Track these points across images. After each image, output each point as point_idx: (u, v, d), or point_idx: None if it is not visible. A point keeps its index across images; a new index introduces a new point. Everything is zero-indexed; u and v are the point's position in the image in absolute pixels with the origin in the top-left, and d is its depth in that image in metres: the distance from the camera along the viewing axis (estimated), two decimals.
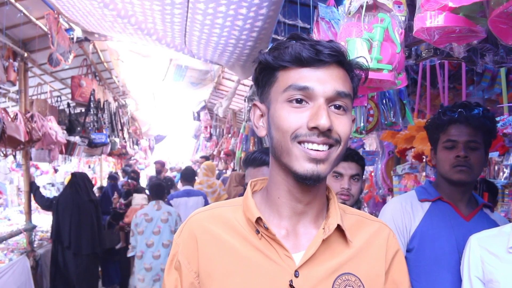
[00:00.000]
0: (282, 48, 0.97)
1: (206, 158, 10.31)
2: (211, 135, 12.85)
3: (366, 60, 1.06)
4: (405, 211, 1.99)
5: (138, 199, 6.54)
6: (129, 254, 4.92)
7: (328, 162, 0.93)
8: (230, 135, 9.83)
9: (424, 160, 3.23)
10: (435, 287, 1.82)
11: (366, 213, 1.17)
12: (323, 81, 0.93)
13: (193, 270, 1.04)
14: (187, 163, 17.60)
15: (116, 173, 10.62)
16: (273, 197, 1.04)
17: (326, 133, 0.91)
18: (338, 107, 0.95)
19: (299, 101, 0.93)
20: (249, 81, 7.04)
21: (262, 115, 1.05)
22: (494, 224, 1.88)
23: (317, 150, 0.92)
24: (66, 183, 6.40)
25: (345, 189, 2.13)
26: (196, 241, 1.05)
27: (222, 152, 10.00)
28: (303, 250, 0.99)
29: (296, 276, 0.96)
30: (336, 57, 0.94)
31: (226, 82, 8.76)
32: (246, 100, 4.80)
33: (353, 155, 2.21)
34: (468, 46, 1.34)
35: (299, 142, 0.92)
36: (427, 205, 1.98)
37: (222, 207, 1.11)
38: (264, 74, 1.02)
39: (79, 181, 5.58)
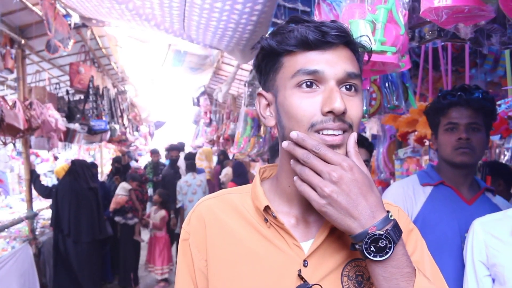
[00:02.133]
0: (285, 32, 0.92)
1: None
2: (211, 120, 12.80)
3: (370, 40, 1.02)
4: (407, 195, 1.98)
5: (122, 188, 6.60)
6: (178, 205, 6.95)
7: (343, 147, 0.90)
8: (229, 120, 9.79)
9: (426, 143, 3.21)
10: None
11: None
12: (332, 63, 0.90)
13: (203, 258, 1.03)
14: (187, 148, 17.62)
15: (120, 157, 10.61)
16: (283, 185, 1.01)
17: (341, 118, 0.88)
18: (349, 88, 0.92)
19: (309, 85, 0.90)
20: (248, 66, 7.00)
21: (268, 104, 1.01)
22: (497, 208, 1.88)
23: (333, 135, 0.89)
24: (55, 171, 6.38)
25: None
26: (205, 227, 1.04)
27: (222, 137, 9.97)
28: (313, 239, 0.97)
29: (305, 265, 0.94)
30: (343, 38, 0.91)
31: (225, 67, 8.70)
32: (246, 85, 4.77)
33: (363, 141, 2.19)
34: (476, 27, 1.31)
35: (316, 131, 0.89)
36: (429, 189, 1.98)
37: (230, 194, 1.09)
38: (268, 61, 0.97)
39: (77, 168, 5.57)
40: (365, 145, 2.18)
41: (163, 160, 11.04)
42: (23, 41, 4.75)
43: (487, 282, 1.56)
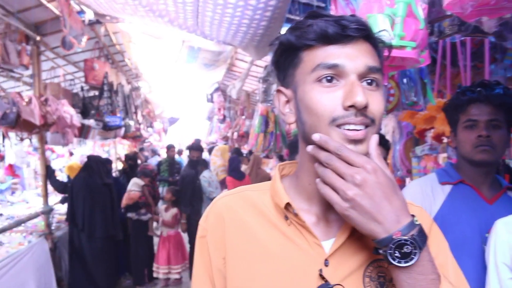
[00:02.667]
0: (304, 27, 0.90)
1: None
2: (224, 117, 12.80)
3: (390, 34, 0.98)
4: (425, 194, 1.93)
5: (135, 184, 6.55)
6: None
7: (366, 142, 0.87)
8: (244, 117, 9.77)
9: (444, 141, 3.15)
10: None
11: None
12: (353, 57, 0.87)
13: (221, 256, 1.00)
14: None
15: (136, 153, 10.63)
16: (304, 183, 0.99)
17: (363, 112, 0.85)
18: (370, 83, 0.89)
19: (330, 79, 0.87)
20: (262, 62, 6.96)
21: (288, 101, 0.98)
22: None
23: (355, 130, 0.86)
24: (66, 168, 6.38)
25: None
26: (224, 224, 1.01)
27: (236, 134, 9.95)
28: (334, 238, 0.94)
29: (326, 265, 0.91)
30: (363, 31, 0.88)
31: (239, 63, 8.67)
32: (261, 81, 4.73)
33: (380, 139, 2.14)
34: (500, 20, 1.27)
35: (338, 125, 0.86)
36: (448, 188, 1.92)
37: (249, 191, 1.07)
38: (286, 56, 0.95)
39: (92, 164, 5.58)
40: (382, 143, 2.13)
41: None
42: (38, 38, 4.79)
43: (511, 285, 1.51)
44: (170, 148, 9.66)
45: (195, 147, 7.43)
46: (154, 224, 6.71)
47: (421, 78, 2.42)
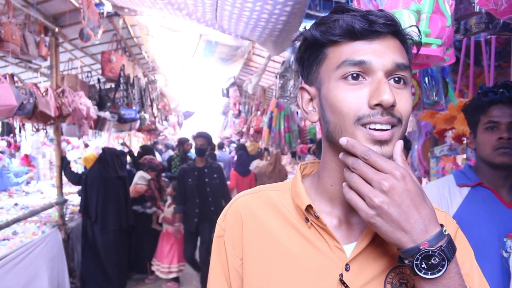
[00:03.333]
0: (330, 22, 0.86)
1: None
2: (239, 112, 12.79)
3: (419, 31, 0.94)
4: (442, 196, 1.90)
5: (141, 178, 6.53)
6: None
7: (392, 143, 0.84)
8: (259, 112, 9.75)
9: (464, 142, 3.09)
10: None
11: None
12: (380, 53, 0.83)
13: (239, 257, 0.98)
14: (215, 140, 17.69)
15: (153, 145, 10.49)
16: (326, 184, 0.95)
17: (389, 111, 0.82)
18: (398, 81, 0.85)
19: (355, 77, 0.83)
20: (280, 57, 6.93)
21: (311, 99, 0.95)
22: None
23: (381, 130, 0.82)
24: (83, 159, 6.39)
25: None
26: (242, 224, 0.99)
27: (252, 129, 9.93)
28: (355, 241, 0.91)
29: (347, 269, 0.88)
30: (392, 27, 0.84)
31: (256, 58, 8.65)
32: (278, 77, 4.69)
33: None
34: None
35: (363, 125, 0.83)
36: (466, 190, 1.88)
37: (269, 190, 1.04)
38: (311, 52, 0.91)
39: (107, 157, 5.59)
40: (404, 142, 2.09)
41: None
42: (57, 29, 4.81)
43: None
44: (185, 142, 8.58)
45: (199, 134, 5.93)
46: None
47: (443, 77, 2.36)
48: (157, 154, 10.75)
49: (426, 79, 2.29)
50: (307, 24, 0.93)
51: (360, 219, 0.91)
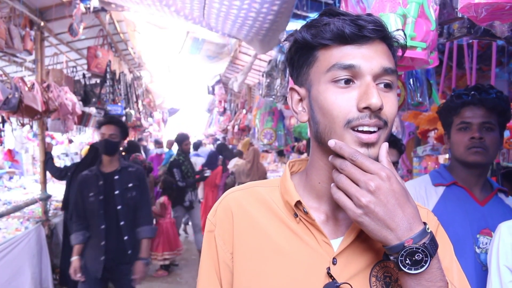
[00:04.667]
0: (320, 25, 0.89)
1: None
2: (225, 109, 12.80)
3: (404, 35, 0.98)
4: (419, 195, 1.97)
5: None
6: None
7: (378, 145, 0.88)
8: (244, 110, 9.76)
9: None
10: None
11: None
12: (369, 57, 0.87)
13: (229, 251, 1.01)
14: (199, 137, 17.63)
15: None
16: (313, 181, 0.99)
17: (377, 114, 0.86)
18: (385, 84, 0.89)
19: (347, 81, 0.87)
20: (266, 56, 6.94)
21: (301, 99, 0.98)
22: (509, 209, 1.87)
23: (368, 132, 0.86)
24: (83, 152, 6.33)
25: None
26: (232, 219, 1.02)
27: (236, 127, 9.94)
28: (342, 236, 0.95)
29: (334, 263, 0.91)
30: (380, 32, 0.88)
31: (242, 56, 8.66)
32: (264, 75, 4.72)
33: (396, 142, 2.16)
34: None
35: (352, 128, 0.86)
36: (441, 189, 1.96)
37: (258, 187, 1.07)
38: (301, 54, 0.94)
39: (95, 152, 5.54)
40: (397, 145, 2.14)
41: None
42: (42, 23, 4.76)
43: None
44: (184, 140, 7.09)
45: (108, 120, 3.84)
46: None
47: (427, 79, 2.42)
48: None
49: (411, 80, 2.35)
50: (294, 24, 0.96)
51: (346, 215, 0.94)
